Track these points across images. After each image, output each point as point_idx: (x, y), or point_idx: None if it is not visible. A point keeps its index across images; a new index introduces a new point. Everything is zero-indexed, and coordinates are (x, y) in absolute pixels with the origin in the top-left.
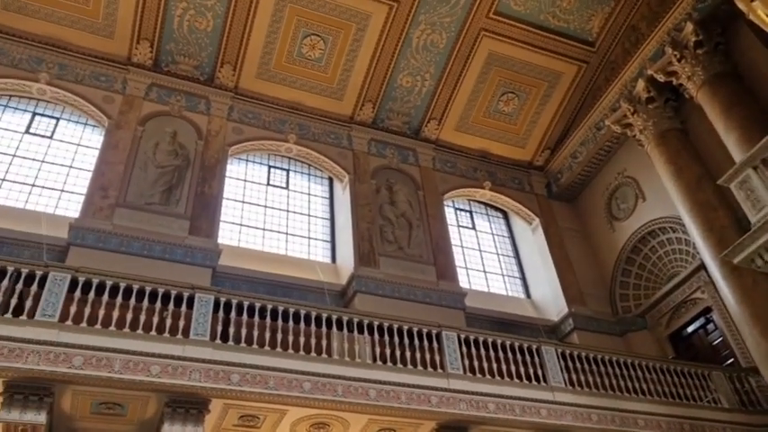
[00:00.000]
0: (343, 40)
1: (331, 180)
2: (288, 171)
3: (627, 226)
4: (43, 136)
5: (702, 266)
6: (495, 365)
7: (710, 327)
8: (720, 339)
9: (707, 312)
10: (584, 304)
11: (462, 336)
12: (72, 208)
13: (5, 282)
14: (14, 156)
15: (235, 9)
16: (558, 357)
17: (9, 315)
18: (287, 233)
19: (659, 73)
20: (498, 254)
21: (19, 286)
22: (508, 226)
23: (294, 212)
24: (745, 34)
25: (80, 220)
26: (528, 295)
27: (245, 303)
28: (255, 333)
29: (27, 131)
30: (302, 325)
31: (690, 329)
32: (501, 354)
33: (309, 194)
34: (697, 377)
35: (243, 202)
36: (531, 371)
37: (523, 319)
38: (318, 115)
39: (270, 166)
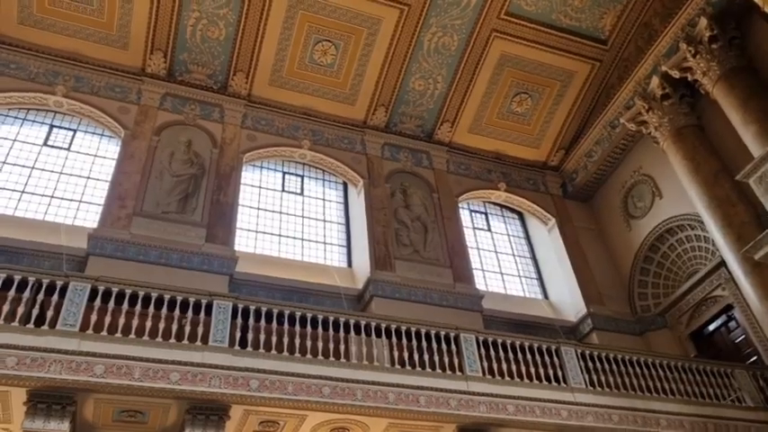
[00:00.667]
0: (355, 45)
1: (345, 185)
2: (302, 177)
3: (644, 224)
4: (61, 148)
5: (722, 263)
6: (514, 367)
7: (732, 324)
8: (743, 337)
9: (728, 310)
10: (602, 304)
11: (480, 338)
12: (90, 218)
13: (27, 292)
14: (33, 168)
15: (247, 17)
16: (577, 358)
17: (31, 325)
18: (302, 239)
19: (674, 69)
20: (514, 255)
21: (40, 296)
22: (524, 227)
23: (309, 218)
24: (760, 27)
25: (98, 230)
26: (545, 296)
27: (263, 309)
28: (274, 339)
29: (45, 144)
30: (320, 330)
31: (711, 327)
32: (520, 355)
33: (324, 200)
34: (720, 376)
35: (258, 208)
36: (551, 372)
37: (541, 320)
38: (331, 120)
39: (284, 173)
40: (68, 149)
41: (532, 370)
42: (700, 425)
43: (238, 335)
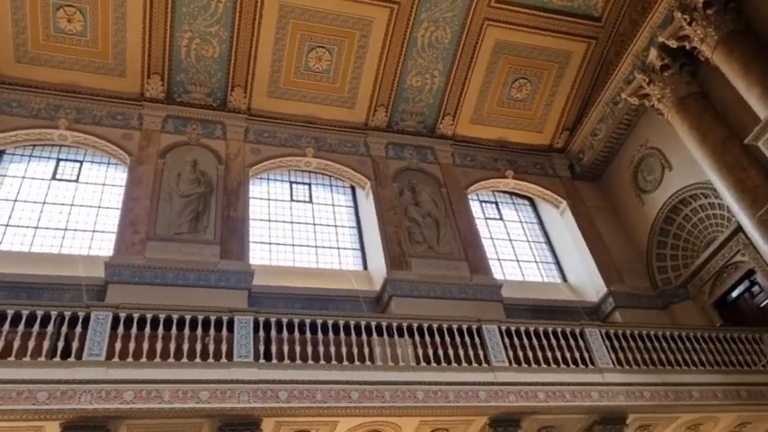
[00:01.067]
0: (349, 48)
1: (353, 188)
2: (309, 185)
3: (656, 197)
4: (69, 180)
5: (740, 229)
6: (539, 354)
7: (756, 289)
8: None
9: (750, 275)
10: (622, 282)
11: (503, 327)
12: (105, 247)
13: (50, 326)
14: (44, 203)
15: (239, 32)
16: (602, 338)
17: (58, 358)
18: (316, 246)
19: (671, 39)
20: (529, 241)
21: (64, 329)
22: (536, 212)
23: (321, 225)
24: None
25: (114, 258)
26: (564, 279)
27: (284, 320)
28: (297, 348)
29: (53, 178)
30: (342, 335)
31: (734, 294)
32: (544, 341)
33: (333, 205)
34: (748, 342)
35: (269, 220)
36: (578, 355)
37: (563, 303)
38: (333, 126)
39: (291, 182)
40: (77, 181)
41: (558, 355)
42: (732, 393)
43: (262, 348)
